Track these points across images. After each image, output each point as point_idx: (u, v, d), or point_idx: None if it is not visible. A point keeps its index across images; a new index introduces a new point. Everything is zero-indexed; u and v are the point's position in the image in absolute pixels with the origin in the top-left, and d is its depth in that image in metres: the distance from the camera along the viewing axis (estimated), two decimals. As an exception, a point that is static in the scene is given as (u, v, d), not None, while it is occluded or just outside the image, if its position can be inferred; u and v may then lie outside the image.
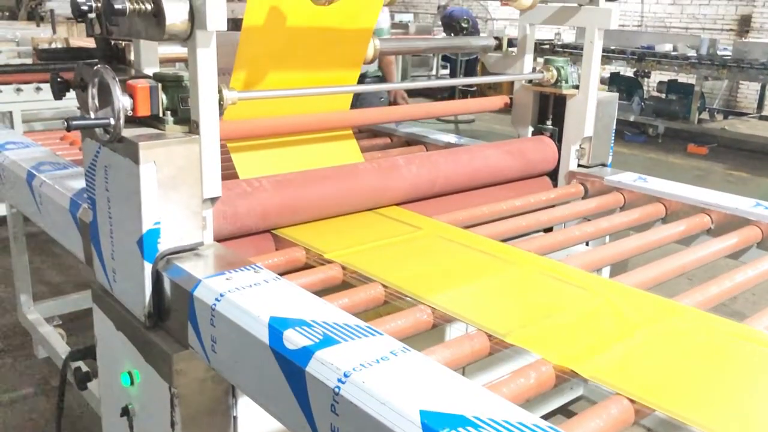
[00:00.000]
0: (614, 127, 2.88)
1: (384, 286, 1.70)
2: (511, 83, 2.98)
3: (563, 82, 2.73)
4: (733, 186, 7.75)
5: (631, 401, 1.22)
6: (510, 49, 2.96)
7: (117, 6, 1.51)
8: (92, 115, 1.69)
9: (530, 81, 2.84)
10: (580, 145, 2.79)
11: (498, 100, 2.96)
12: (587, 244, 2.47)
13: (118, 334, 1.85)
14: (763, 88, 11.75)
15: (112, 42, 1.98)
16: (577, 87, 2.73)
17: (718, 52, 10.08)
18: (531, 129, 2.91)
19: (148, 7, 1.55)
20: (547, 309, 1.59)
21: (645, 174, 2.81)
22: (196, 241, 1.74)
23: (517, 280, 1.77)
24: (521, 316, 1.56)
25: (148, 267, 1.67)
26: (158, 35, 1.58)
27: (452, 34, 12.14)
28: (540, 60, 2.91)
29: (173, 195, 1.67)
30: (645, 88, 11.64)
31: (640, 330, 1.49)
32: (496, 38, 3.00)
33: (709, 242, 2.16)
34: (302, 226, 2.08)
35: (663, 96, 10.82)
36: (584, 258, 1.99)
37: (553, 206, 2.61)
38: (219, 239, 1.87)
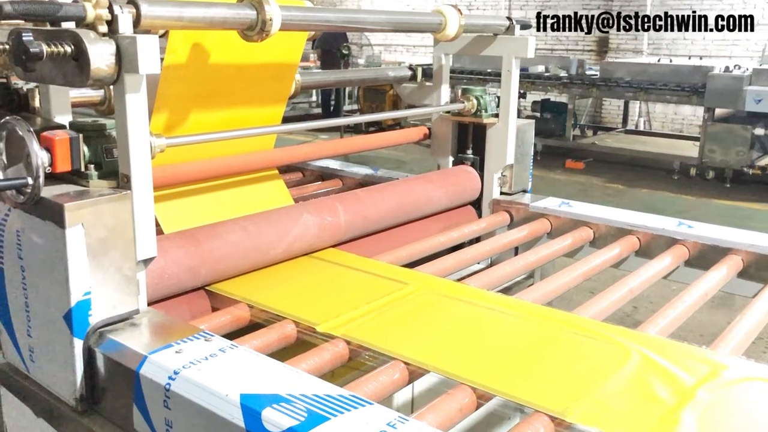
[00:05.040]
0: (532, 152, 2.91)
1: (347, 341, 1.57)
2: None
3: (483, 111, 2.73)
4: (612, 198, 8.19)
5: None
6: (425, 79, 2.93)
7: (33, 49, 1.31)
8: (1, 174, 1.46)
9: (448, 111, 2.81)
10: (501, 173, 2.78)
11: (417, 131, 2.91)
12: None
13: (38, 422, 1.61)
14: (626, 104, 12.57)
15: (12, 86, 1.74)
16: (496, 115, 2.73)
17: (587, 72, 10.68)
18: (451, 159, 2.88)
19: (68, 49, 1.36)
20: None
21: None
22: (131, 309, 1.54)
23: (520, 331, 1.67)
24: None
25: (78, 344, 1.46)
26: (80, 81, 1.39)
27: (331, 61, 12.11)
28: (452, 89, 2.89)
29: (104, 260, 1.47)
30: (519, 108, 12.14)
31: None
32: (411, 68, 2.97)
33: (647, 264, 2.19)
34: (239, 279, 1.91)
35: (538, 115, 11.30)
36: (537, 292, 1.96)
37: (479, 237, 2.61)
38: (148, 303, 1.67)
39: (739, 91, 8.31)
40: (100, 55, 1.37)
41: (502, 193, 2.80)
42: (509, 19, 2.60)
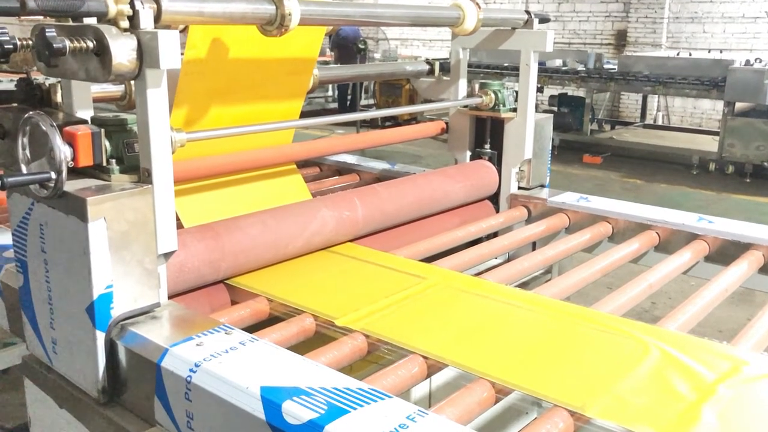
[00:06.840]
0: (550, 147, 2.90)
1: (366, 335, 1.58)
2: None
3: (501, 105, 2.72)
4: (630, 193, 8.13)
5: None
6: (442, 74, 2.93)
7: (56, 45, 1.32)
8: (24, 169, 1.48)
9: (466, 105, 2.81)
10: (519, 168, 2.77)
11: (434, 126, 2.91)
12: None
13: (62, 413, 1.63)
14: (644, 98, 12.44)
15: (34, 81, 1.76)
16: (514, 110, 2.72)
17: (605, 66, 10.58)
18: (469, 153, 2.88)
19: (90, 44, 1.37)
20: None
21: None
22: (151, 303, 1.56)
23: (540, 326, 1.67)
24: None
25: (100, 336, 1.47)
26: (102, 76, 1.40)
27: (347, 56, 12.13)
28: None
29: (125, 254, 1.49)
30: (536, 102, 12.04)
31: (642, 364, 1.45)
32: (428, 63, 2.96)
33: (666, 260, 2.18)
34: (258, 273, 1.93)
35: (556, 109, 11.21)
36: (555, 287, 1.96)
37: (496, 232, 2.61)
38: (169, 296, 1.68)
39: (760, 84, 8.20)
40: (122, 51, 1.38)
41: (519, 188, 2.80)
42: (528, 12, 2.59)
